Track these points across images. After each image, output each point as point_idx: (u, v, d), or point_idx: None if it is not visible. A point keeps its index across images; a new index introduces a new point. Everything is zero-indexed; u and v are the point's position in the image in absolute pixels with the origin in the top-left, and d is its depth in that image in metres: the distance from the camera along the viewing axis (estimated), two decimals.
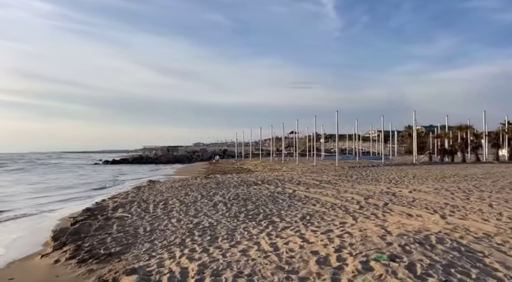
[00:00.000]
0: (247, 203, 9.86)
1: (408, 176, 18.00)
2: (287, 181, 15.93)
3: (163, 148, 76.61)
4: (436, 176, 17.69)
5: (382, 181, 15.56)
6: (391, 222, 6.91)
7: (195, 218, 8.10)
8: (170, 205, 9.93)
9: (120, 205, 10.22)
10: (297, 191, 12.14)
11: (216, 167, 37.59)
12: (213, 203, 10.00)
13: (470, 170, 20.60)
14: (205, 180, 17.59)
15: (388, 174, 19.28)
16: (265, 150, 67.57)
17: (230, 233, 6.64)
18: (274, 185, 14.50)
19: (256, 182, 15.63)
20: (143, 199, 11.20)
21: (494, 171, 19.34)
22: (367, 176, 17.97)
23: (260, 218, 7.94)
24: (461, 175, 17.65)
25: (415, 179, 16.36)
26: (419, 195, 10.76)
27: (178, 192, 12.54)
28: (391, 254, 4.56)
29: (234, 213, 8.55)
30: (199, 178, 19.20)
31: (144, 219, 8.27)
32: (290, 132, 62.41)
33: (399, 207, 8.66)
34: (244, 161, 46.74)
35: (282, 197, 10.85)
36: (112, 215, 8.96)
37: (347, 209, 8.60)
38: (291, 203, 9.74)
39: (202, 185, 15.05)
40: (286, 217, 7.91)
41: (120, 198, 11.64)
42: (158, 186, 15.88)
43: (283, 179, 17.07)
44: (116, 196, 12.85)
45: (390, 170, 22.68)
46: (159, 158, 63.16)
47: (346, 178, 17.24)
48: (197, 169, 36.72)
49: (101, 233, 6.99)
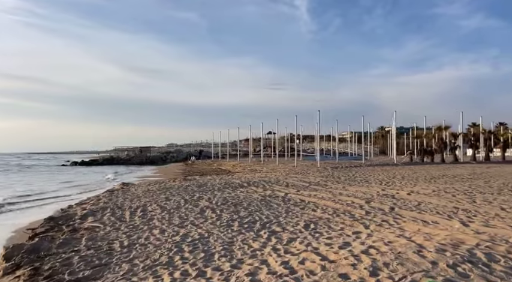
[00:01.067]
0: (239, 208, 8.75)
1: (396, 176, 17.44)
2: (274, 183, 14.92)
3: (136, 149, 73.81)
4: (424, 176, 17.22)
5: (372, 182, 14.85)
6: (411, 231, 6.02)
7: (181, 228, 6.91)
8: (150, 212, 8.66)
9: (90, 213, 8.84)
10: (289, 194, 11.14)
11: (193, 168, 36.14)
12: (200, 209, 8.82)
13: (455, 171, 20.37)
14: (185, 182, 16.30)
15: (374, 175, 18.68)
16: (242, 151, 66.49)
17: (227, 247, 5.52)
18: (261, 187, 13.45)
19: (241, 184, 14.52)
20: (117, 205, 9.84)
21: (480, 172, 19.15)
22: (354, 177, 17.25)
23: (257, 227, 6.86)
24: (450, 176, 17.27)
25: (405, 180, 15.77)
26: (421, 197, 10.02)
27: (158, 197, 11.24)
28: (445, 278, 3.61)
29: (226, 221, 7.42)
30: (178, 180, 17.86)
31: (120, 230, 6.99)
32: (268, 133, 61.68)
33: (408, 213, 7.82)
34: (222, 162, 45.41)
35: (276, 201, 9.81)
36: (80, 225, 7.60)
37: (352, 215, 7.67)
38: (287, 208, 8.72)
39: (182, 188, 13.78)
40: (288, 225, 6.88)
41: (90, 204, 10.22)
42: (133, 189, 14.46)
43: (269, 180, 16.05)
44: (84, 202, 11.38)
45: (374, 170, 22.17)
46: (131, 159, 60.72)
47: (334, 179, 16.44)
48: (173, 170, 35.13)
49: (66, 251, 5.68)
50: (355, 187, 13.24)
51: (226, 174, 24.06)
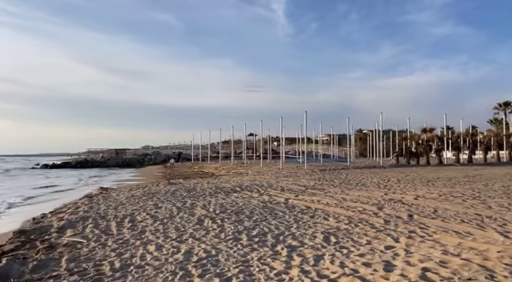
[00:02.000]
0: (241, 217, 7.77)
1: (391, 179, 16.90)
2: (267, 187, 14.01)
3: (111, 151, 71.19)
4: (419, 179, 16.75)
5: (370, 186, 14.19)
6: (453, 245, 5.25)
7: (181, 243, 5.88)
8: (140, 222, 7.54)
9: (69, 224, 7.63)
10: (290, 200, 10.26)
11: (174, 171, 34.75)
12: (197, 218, 7.78)
13: (447, 173, 20.11)
14: (171, 186, 15.13)
15: (367, 177, 18.10)
16: (222, 153, 65.24)
17: (244, 269, 4.56)
18: (256, 192, 12.51)
19: (233, 188, 13.52)
20: (100, 214, 8.65)
21: (472, 174, 18.93)
22: (349, 181, 16.59)
23: (270, 240, 5.92)
24: (444, 178, 16.89)
25: (402, 183, 15.22)
26: (431, 203, 9.36)
27: (145, 203, 10.08)
28: None
29: (231, 233, 6.43)
30: (162, 184, 16.65)
31: (108, 246, 5.89)
32: (249, 135, 60.79)
33: (430, 221, 7.09)
34: (203, 164, 44.11)
35: (279, 208, 8.89)
36: (58, 240, 6.42)
37: (371, 225, 6.86)
38: (294, 216, 7.82)
39: (170, 193, 12.64)
40: (304, 238, 5.98)
41: (68, 213, 8.97)
42: (114, 194, 13.18)
43: (261, 184, 15.12)
44: (60, 210, 10.07)
45: (364, 173, 21.65)
46: (106, 161, 58.41)
47: (328, 183, 15.70)
48: (153, 173, 33.62)
49: (43, 277, 4.56)
50: (355, 191, 12.53)
51: (211, 177, 22.97)
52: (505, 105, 67.65)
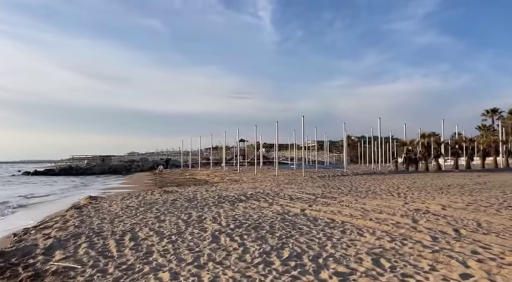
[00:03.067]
0: (262, 233, 6.67)
1: (400, 186, 16.03)
2: (274, 196, 12.93)
3: (96, 157, 68.97)
4: (430, 186, 15.94)
5: (382, 194, 13.26)
6: None
7: (201, 270, 4.74)
8: (143, 240, 6.36)
9: (58, 243, 6.39)
10: (306, 211, 9.20)
11: (164, 178, 33.30)
12: (210, 234, 6.64)
13: (455, 180, 19.39)
14: (167, 195, 13.89)
15: (373, 184, 17.20)
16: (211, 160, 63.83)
17: None
18: (264, 201, 11.42)
19: (238, 197, 12.39)
20: (94, 229, 7.41)
21: (482, 181, 18.23)
22: (356, 188, 15.65)
23: (309, 264, 4.85)
24: (456, 185, 16.11)
25: (413, 190, 14.36)
26: (465, 214, 8.44)
27: (144, 216, 8.87)
28: None
29: (257, 255, 5.33)
30: (158, 193, 15.38)
31: (109, 274, 4.71)
32: (240, 140, 59.70)
33: (484, 237, 6.14)
34: (193, 171, 42.74)
35: (300, 221, 7.82)
36: (45, 265, 5.20)
37: (419, 242, 5.86)
38: (323, 232, 6.76)
39: (169, 202, 11.44)
40: (350, 262, 4.92)
41: (55, 229, 7.69)
42: (106, 205, 11.90)
43: (266, 192, 14.03)
44: (46, 224, 8.76)
45: (367, 179, 20.79)
46: (92, 168, 56.34)
47: (336, 190, 14.73)
48: (142, 180, 32.12)
49: None
50: (369, 199, 11.58)
51: (206, 184, 21.74)
52: (493, 111, 68.55)
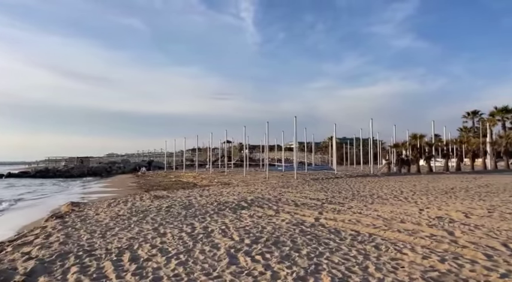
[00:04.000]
0: (285, 250, 5.73)
1: (402, 190, 15.39)
2: (276, 201, 12.01)
3: (73, 159, 66.38)
4: (434, 190, 15.38)
5: (389, 199, 12.55)
6: None
7: None
8: (146, 261, 5.31)
9: (41, 266, 5.26)
10: (321, 220, 8.33)
11: (148, 181, 31.87)
12: (225, 252, 5.64)
13: (453, 182, 18.98)
14: (160, 201, 12.75)
15: (374, 188, 16.53)
16: (193, 161, 62.57)
17: None
18: (268, 208, 10.48)
19: (238, 203, 11.40)
20: (84, 246, 6.28)
21: (483, 183, 17.86)
22: (358, 192, 14.92)
23: None
24: (460, 189, 15.59)
25: (419, 195, 13.72)
26: (496, 222, 7.76)
27: (140, 227, 7.77)
28: None
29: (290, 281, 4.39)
30: (147, 198, 14.19)
31: None
32: (224, 142, 58.59)
33: None
34: (178, 173, 41.37)
35: (322, 233, 6.92)
36: None
37: (476, 262, 5.05)
38: (354, 247, 5.88)
39: (164, 210, 10.34)
40: None
41: (37, 247, 6.50)
42: (92, 213, 10.69)
43: (266, 197, 13.09)
44: (25, 238, 7.52)
45: (364, 182, 20.16)
46: (70, 170, 53.92)
47: (338, 195, 13.95)
48: (125, 183, 30.59)
49: None
50: (380, 205, 10.83)
51: (195, 188, 20.59)
52: (473, 113, 69.89)
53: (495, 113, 62.68)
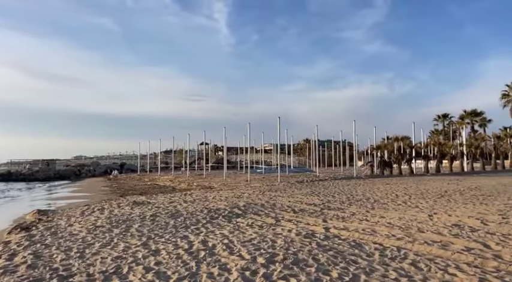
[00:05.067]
0: (312, 272, 4.77)
1: (397, 194, 14.82)
2: (271, 207, 11.05)
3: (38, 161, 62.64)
4: (427, 192, 14.93)
5: (387, 203, 11.91)
6: None
7: None
8: None
9: None
10: (331, 229, 7.45)
11: (122, 185, 30.07)
12: (239, 276, 4.61)
13: (442, 184, 18.71)
14: (141, 208, 11.47)
15: (366, 191, 15.90)
16: (165, 163, 60.71)
17: None
18: (265, 215, 9.51)
19: (231, 210, 10.35)
20: (58, 270, 5.05)
21: (472, 186, 17.67)
22: (352, 196, 14.24)
23: None
24: (453, 191, 15.25)
25: (415, 198, 13.20)
26: None
27: (126, 242, 6.57)
28: None
29: None
30: (126, 204, 12.84)
31: None
32: (200, 144, 57.14)
33: None
34: (153, 176, 39.58)
35: (342, 248, 6.02)
36: None
37: None
38: (388, 266, 5.02)
39: (148, 219, 9.13)
40: None
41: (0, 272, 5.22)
42: (63, 223, 9.31)
43: (261, 203, 12.10)
44: None
45: (352, 185, 19.57)
46: (35, 173, 50.64)
47: (333, 199, 13.19)
48: (96, 187, 28.66)
49: None
50: (382, 211, 10.14)
51: (177, 192, 19.30)
52: (444, 116, 71.97)
53: (464, 116, 64.95)
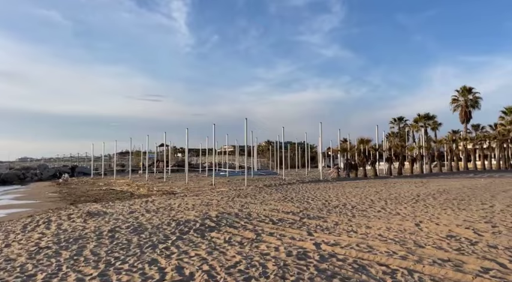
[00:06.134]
0: None
1: (371, 198, 14.36)
2: (247, 217, 10.02)
3: None
4: (400, 196, 14.62)
5: (366, 209, 11.34)
6: None
7: None
8: None
9: None
10: (322, 245, 6.56)
11: (73, 190, 27.53)
12: None
13: (409, 187, 18.65)
14: (96, 221, 9.94)
15: (340, 196, 15.33)
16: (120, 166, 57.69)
17: None
18: (243, 228, 8.46)
19: (202, 222, 9.17)
20: None
21: (439, 188, 17.71)
22: (328, 202, 13.57)
23: None
24: (424, 195, 15.07)
25: (391, 203, 12.79)
26: None
27: (78, 272, 5.23)
28: None
29: None
30: (77, 215, 11.17)
31: None
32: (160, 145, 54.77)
33: None
34: (108, 180, 37.03)
35: (345, 272, 5.11)
36: None
37: None
38: None
39: (106, 236, 7.73)
40: None
41: None
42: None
43: (234, 212, 11.01)
44: None
45: (322, 189, 19.01)
46: None
47: (307, 205, 12.41)
48: (43, 194, 25.97)
49: None
50: (365, 220, 9.51)
51: (136, 199, 17.67)
52: (399, 119, 74.78)
53: (418, 120, 67.79)
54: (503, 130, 41.56)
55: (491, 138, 40.09)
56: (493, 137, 40.21)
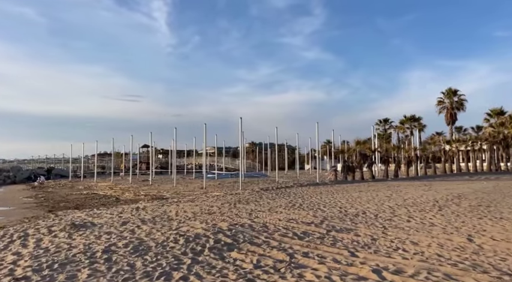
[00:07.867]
0: None
1: (385, 202, 13.22)
2: (265, 231, 8.59)
3: None
4: (417, 202, 13.51)
5: (390, 218, 10.13)
6: None
7: None
8: None
9: None
10: (384, 274, 5.22)
11: (50, 194, 25.27)
12: None
13: (414, 190, 17.65)
14: (85, 236, 8.26)
15: (348, 201, 14.10)
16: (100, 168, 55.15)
17: None
18: (267, 246, 7.03)
19: (216, 238, 7.67)
20: None
21: (448, 192, 16.77)
22: (343, 210, 12.32)
23: None
24: (441, 199, 14.03)
25: (412, 211, 11.65)
26: None
27: None
28: None
29: None
30: (60, 228, 9.44)
31: None
32: (143, 146, 52.52)
33: None
34: (88, 183, 34.76)
35: None
36: None
37: None
38: None
39: (100, 258, 6.12)
40: None
41: None
42: None
43: (248, 224, 9.55)
44: None
45: (324, 193, 17.77)
46: None
47: (324, 214, 11.11)
48: (17, 199, 23.60)
49: None
50: (404, 234, 8.27)
51: (124, 204, 15.91)
52: (385, 121, 74.94)
53: (404, 121, 67.99)
54: (493, 132, 41.70)
55: (483, 140, 40.15)
56: (484, 139, 40.28)
